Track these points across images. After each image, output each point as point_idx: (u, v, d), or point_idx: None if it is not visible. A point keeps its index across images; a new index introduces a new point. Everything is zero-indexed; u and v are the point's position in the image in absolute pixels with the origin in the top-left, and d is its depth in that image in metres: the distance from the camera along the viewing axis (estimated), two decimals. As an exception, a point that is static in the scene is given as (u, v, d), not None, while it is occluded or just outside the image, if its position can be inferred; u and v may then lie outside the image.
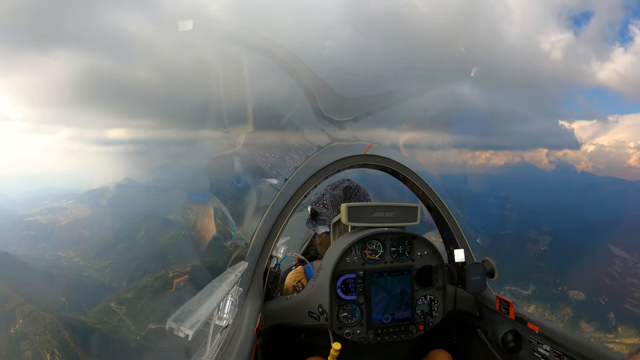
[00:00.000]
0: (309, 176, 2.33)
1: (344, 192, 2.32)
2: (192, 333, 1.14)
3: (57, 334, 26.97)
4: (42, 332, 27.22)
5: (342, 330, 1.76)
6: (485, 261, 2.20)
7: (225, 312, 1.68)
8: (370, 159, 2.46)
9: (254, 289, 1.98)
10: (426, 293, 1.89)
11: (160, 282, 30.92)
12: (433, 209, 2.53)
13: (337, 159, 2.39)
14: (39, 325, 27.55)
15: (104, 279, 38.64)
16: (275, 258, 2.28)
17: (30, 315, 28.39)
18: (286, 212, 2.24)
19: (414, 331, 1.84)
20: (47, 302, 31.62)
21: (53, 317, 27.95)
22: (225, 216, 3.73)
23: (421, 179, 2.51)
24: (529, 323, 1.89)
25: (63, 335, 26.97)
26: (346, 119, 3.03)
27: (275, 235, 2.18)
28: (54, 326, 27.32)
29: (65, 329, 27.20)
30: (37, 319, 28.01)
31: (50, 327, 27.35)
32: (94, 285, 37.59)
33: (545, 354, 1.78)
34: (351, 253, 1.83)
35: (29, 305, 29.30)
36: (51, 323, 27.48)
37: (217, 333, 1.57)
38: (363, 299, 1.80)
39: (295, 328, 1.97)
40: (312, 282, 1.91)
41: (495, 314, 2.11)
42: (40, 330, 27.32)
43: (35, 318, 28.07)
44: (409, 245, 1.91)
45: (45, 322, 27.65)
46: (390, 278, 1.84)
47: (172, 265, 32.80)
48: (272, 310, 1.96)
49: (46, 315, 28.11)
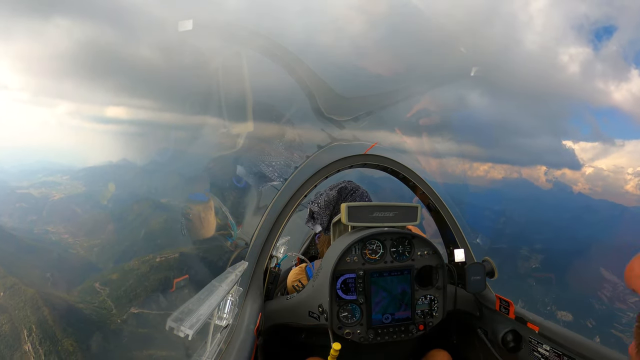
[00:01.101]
0: (309, 176, 2.33)
1: (338, 193, 2.31)
2: (192, 333, 1.14)
3: (37, 310, 26.65)
4: (22, 307, 26.94)
5: (342, 330, 1.76)
6: (485, 261, 2.20)
7: (225, 312, 1.68)
8: (371, 158, 2.46)
9: (254, 288, 1.98)
10: (426, 293, 1.89)
11: (147, 266, 30.64)
12: (433, 209, 2.53)
13: (337, 158, 2.39)
14: (20, 300, 27.31)
15: (91, 258, 38.42)
16: (275, 258, 2.28)
17: (12, 288, 28.14)
18: (286, 212, 2.24)
19: (414, 331, 1.84)
20: (31, 276, 31.34)
21: (34, 292, 27.70)
22: (225, 216, 3.72)
23: (421, 179, 2.51)
24: (529, 323, 1.89)
25: (43, 311, 26.64)
26: (347, 118, 3.02)
27: (275, 235, 2.18)
28: (35, 302, 27.02)
29: (46, 306, 26.88)
30: (18, 293, 27.77)
31: (30, 302, 27.05)
32: (81, 264, 37.29)
33: (545, 354, 1.78)
34: (351, 253, 1.83)
35: (12, 277, 29.05)
36: (32, 298, 27.23)
37: (217, 333, 1.57)
38: (363, 298, 1.80)
39: (295, 328, 1.97)
40: (312, 282, 1.91)
41: (495, 313, 2.11)
42: (20, 305, 27.04)
43: (17, 292, 27.84)
44: (409, 245, 1.91)
45: (27, 296, 27.39)
46: (390, 278, 1.84)
47: (161, 250, 32.53)
48: (272, 310, 1.96)
49: (28, 290, 27.86)
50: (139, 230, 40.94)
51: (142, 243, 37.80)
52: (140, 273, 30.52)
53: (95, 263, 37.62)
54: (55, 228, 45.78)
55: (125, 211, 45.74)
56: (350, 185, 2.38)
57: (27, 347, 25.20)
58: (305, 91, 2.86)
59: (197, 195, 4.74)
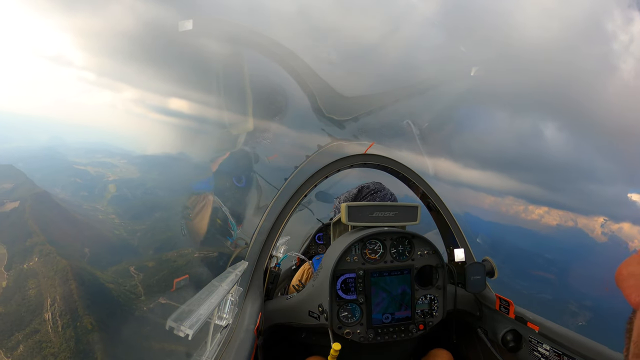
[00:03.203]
0: (309, 176, 2.33)
1: (358, 191, 2.30)
2: (192, 332, 1.14)
3: (65, 282, 27.07)
4: (52, 276, 27.46)
5: (342, 329, 1.76)
6: (485, 261, 2.20)
7: (225, 312, 1.68)
8: (371, 158, 2.46)
9: (254, 288, 1.98)
10: (426, 293, 1.89)
11: (185, 259, 30.61)
12: (433, 209, 2.53)
13: (337, 158, 2.39)
14: (51, 269, 27.85)
15: (133, 242, 38.66)
16: (275, 257, 2.29)
17: (48, 256, 28.82)
18: (286, 212, 2.24)
19: (414, 331, 1.83)
20: (68, 248, 31.85)
21: (67, 264, 28.17)
22: (226, 216, 3.74)
23: (421, 179, 2.51)
24: (529, 322, 1.88)
25: (70, 285, 27.03)
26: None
27: (276, 234, 2.18)
28: (65, 273, 27.50)
29: (74, 279, 27.27)
30: (52, 262, 28.35)
31: (61, 273, 27.55)
32: (121, 245, 37.60)
33: (545, 354, 1.78)
34: (351, 253, 1.83)
35: (49, 246, 29.80)
36: (63, 269, 27.73)
37: (217, 332, 1.57)
38: (363, 298, 1.80)
39: (295, 328, 1.97)
40: (312, 282, 1.91)
41: (496, 313, 2.11)
42: (51, 273, 27.57)
43: (51, 261, 28.44)
44: (409, 245, 1.91)
45: (58, 267, 27.92)
46: (390, 278, 1.84)
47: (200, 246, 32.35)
48: (272, 310, 1.96)
49: (61, 261, 28.39)
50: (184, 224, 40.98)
51: (185, 236, 37.74)
52: (177, 265, 30.46)
53: (135, 247, 37.77)
54: (104, 207, 46.66)
55: (175, 203, 45.81)
56: (374, 185, 2.35)
57: (47, 316, 25.48)
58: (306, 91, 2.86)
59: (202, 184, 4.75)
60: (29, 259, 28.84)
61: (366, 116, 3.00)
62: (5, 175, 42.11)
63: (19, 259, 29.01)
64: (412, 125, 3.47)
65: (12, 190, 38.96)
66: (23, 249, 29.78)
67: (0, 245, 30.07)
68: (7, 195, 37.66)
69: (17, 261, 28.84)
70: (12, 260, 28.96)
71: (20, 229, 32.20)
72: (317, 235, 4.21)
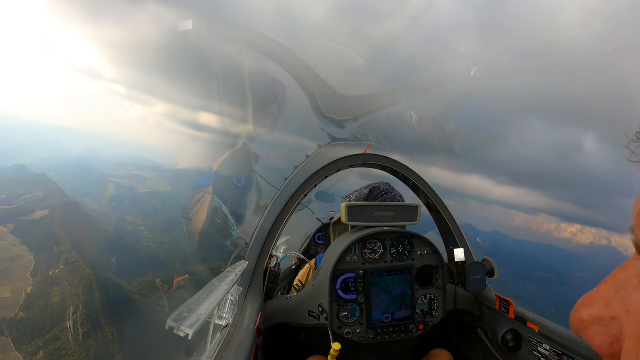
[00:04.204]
0: (309, 176, 2.33)
1: (370, 192, 2.27)
2: (192, 332, 1.14)
3: (89, 291, 27.36)
4: (77, 284, 27.74)
5: (342, 329, 1.76)
6: (485, 260, 2.20)
7: (225, 312, 1.68)
8: (370, 158, 2.46)
9: (254, 288, 1.98)
10: (426, 292, 1.89)
11: (212, 273, 31.04)
12: (433, 209, 2.53)
13: (337, 158, 2.39)
14: (75, 277, 28.14)
15: (160, 254, 38.86)
16: (275, 257, 2.29)
17: (73, 264, 29.13)
18: (286, 212, 2.24)
19: (414, 330, 1.84)
20: (94, 257, 32.06)
21: (92, 273, 28.46)
22: (226, 216, 3.73)
23: (421, 178, 2.51)
24: (529, 322, 1.88)
25: (94, 294, 27.31)
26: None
27: (276, 234, 2.18)
28: (89, 282, 27.81)
29: (98, 289, 27.50)
30: (77, 270, 28.66)
31: (85, 282, 27.85)
32: (148, 257, 37.97)
33: (545, 354, 1.78)
34: (351, 252, 1.83)
35: (75, 254, 30.08)
36: (88, 278, 28.06)
37: (217, 332, 1.57)
38: (363, 298, 1.80)
39: (295, 327, 1.97)
40: (312, 282, 1.91)
41: (496, 313, 2.11)
42: (75, 282, 27.85)
43: (76, 269, 28.74)
44: (409, 245, 1.91)
45: (83, 276, 28.23)
46: (390, 277, 1.84)
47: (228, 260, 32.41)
48: (272, 310, 1.96)
49: (86, 270, 28.70)
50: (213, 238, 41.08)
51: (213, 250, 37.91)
52: (202, 278, 30.63)
53: (162, 259, 37.91)
54: (133, 218, 47.07)
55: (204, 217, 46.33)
56: (384, 186, 2.32)
57: (69, 324, 25.78)
58: (307, 91, 2.85)
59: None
60: (55, 267, 29.15)
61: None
62: (38, 184, 42.87)
63: (45, 265, 29.29)
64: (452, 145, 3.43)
65: (43, 199, 39.59)
66: (49, 256, 30.06)
67: (27, 252, 30.51)
68: (37, 204, 38.25)
69: (43, 268, 29.11)
70: (39, 267, 29.29)
71: (48, 236, 32.59)
72: (317, 235, 4.21)
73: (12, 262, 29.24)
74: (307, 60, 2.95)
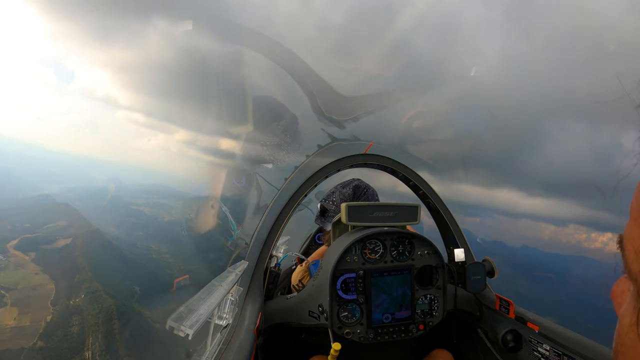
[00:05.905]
0: (309, 176, 2.33)
1: (353, 191, 2.32)
2: (192, 332, 1.14)
3: (109, 321, 27.17)
4: (97, 314, 27.54)
5: (342, 329, 1.76)
6: (486, 260, 2.20)
7: (226, 312, 1.69)
8: (371, 158, 2.46)
9: (254, 288, 1.98)
10: (426, 293, 1.89)
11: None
12: (433, 209, 2.53)
13: (337, 158, 2.39)
14: (96, 307, 27.95)
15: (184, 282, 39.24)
16: (275, 257, 2.29)
17: (94, 294, 28.92)
18: (286, 212, 2.24)
19: (414, 331, 1.83)
20: (116, 286, 31.90)
21: (112, 303, 28.22)
22: (226, 216, 3.72)
23: (421, 178, 2.51)
24: (529, 322, 1.88)
25: (113, 324, 27.11)
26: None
27: (276, 234, 2.18)
28: (110, 312, 27.58)
29: (117, 319, 27.31)
30: (98, 299, 28.46)
31: (106, 311, 27.64)
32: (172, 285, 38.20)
33: (546, 354, 1.78)
34: (351, 252, 1.83)
35: (97, 283, 29.87)
36: (108, 308, 27.79)
37: (217, 332, 1.57)
38: (363, 298, 1.80)
39: (295, 327, 1.97)
40: (312, 282, 1.91)
41: (496, 313, 2.11)
42: (96, 312, 27.66)
43: (97, 299, 28.54)
44: (409, 245, 1.91)
45: (104, 305, 28.01)
46: (391, 278, 1.84)
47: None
48: (272, 310, 1.96)
49: (107, 299, 28.44)
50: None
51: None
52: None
53: (187, 287, 38.07)
54: (157, 247, 46.64)
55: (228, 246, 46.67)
56: (362, 183, 2.39)
57: (88, 355, 25.65)
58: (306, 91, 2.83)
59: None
60: (76, 295, 29.01)
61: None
62: (61, 213, 42.78)
63: (65, 294, 29.15)
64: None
65: (66, 228, 39.42)
66: (70, 284, 29.93)
67: (49, 280, 30.32)
68: (60, 232, 38.08)
69: (64, 297, 28.95)
70: (59, 296, 29.13)
71: (70, 265, 32.46)
72: (317, 235, 4.21)
73: (33, 290, 29.18)
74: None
